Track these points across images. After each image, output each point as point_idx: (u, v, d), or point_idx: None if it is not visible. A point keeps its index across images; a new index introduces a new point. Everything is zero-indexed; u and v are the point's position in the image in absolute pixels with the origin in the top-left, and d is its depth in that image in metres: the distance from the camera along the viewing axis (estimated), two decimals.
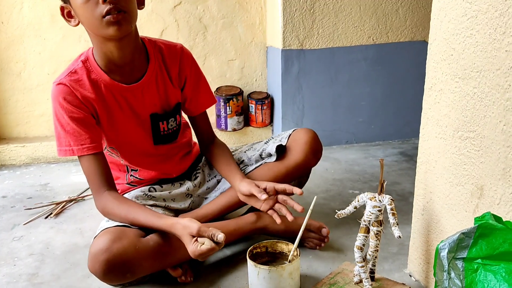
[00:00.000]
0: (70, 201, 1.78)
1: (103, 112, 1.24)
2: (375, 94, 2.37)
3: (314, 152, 1.40)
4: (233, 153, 1.47)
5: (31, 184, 1.99)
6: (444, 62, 1.04)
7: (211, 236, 1.06)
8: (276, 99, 2.39)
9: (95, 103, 1.22)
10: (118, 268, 1.10)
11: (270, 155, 1.40)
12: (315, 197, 1.18)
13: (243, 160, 1.45)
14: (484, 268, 0.73)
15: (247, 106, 2.43)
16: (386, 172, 2.00)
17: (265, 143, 1.47)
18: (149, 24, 2.28)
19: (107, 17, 1.09)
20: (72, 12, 1.15)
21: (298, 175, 1.42)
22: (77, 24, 1.17)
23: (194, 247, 1.06)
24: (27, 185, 1.99)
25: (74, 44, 2.24)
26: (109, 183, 1.23)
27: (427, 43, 1.10)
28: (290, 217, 1.23)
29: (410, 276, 1.23)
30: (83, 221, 1.64)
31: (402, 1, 2.26)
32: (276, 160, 1.38)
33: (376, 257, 1.13)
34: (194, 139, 1.53)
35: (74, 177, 2.07)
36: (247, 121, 2.46)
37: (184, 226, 1.09)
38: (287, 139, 1.41)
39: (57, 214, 1.68)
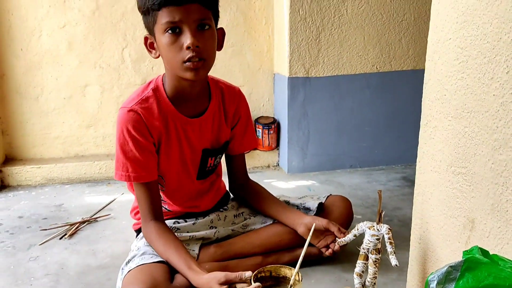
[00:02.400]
0: (83, 222, 1.86)
1: (164, 141, 1.30)
2: (378, 120, 2.44)
3: (349, 222, 1.51)
4: None
5: (46, 205, 2.07)
6: (438, 101, 1.11)
7: (239, 278, 1.09)
8: (282, 124, 2.47)
9: (160, 132, 1.28)
10: None
11: (308, 210, 1.48)
12: (314, 224, 1.25)
13: None
14: None
15: (255, 131, 2.51)
16: (389, 197, 2.06)
17: (298, 198, 1.55)
18: None
19: (188, 63, 1.14)
20: (155, 45, 1.21)
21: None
22: (158, 57, 1.23)
23: None
24: (42, 205, 2.07)
25: (89, 70, 2.34)
26: (155, 213, 1.28)
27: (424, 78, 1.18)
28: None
29: None
30: (96, 242, 1.71)
31: (405, 31, 2.35)
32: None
33: (375, 284, 1.18)
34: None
35: (87, 198, 2.15)
36: None
37: (211, 278, 1.11)
38: (325, 199, 1.50)
39: (71, 235, 1.75)
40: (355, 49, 2.32)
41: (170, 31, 1.13)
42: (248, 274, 1.09)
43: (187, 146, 1.34)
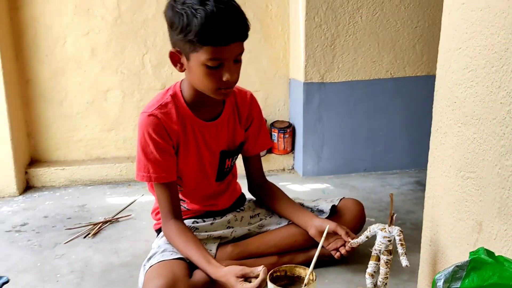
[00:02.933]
0: (106, 222, 1.93)
1: (182, 144, 1.36)
2: (392, 125, 2.48)
3: (361, 225, 1.56)
4: None
5: (70, 205, 2.16)
6: (448, 108, 1.15)
7: (252, 273, 1.16)
8: (297, 128, 2.52)
9: (178, 135, 1.34)
10: None
11: (321, 212, 1.53)
12: (327, 226, 1.29)
13: None
14: None
15: (270, 135, 2.57)
16: (402, 201, 2.10)
17: (313, 201, 1.60)
18: None
19: (221, 90, 1.23)
20: (182, 60, 1.24)
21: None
22: (183, 71, 1.27)
23: (240, 286, 1.14)
24: (66, 206, 2.15)
25: (111, 75, 2.43)
26: (175, 212, 1.35)
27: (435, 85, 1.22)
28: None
29: None
30: (118, 241, 1.78)
31: (419, 37, 2.38)
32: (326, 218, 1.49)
33: (386, 284, 1.23)
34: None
35: (109, 199, 2.23)
36: (269, 149, 2.59)
37: (229, 271, 1.18)
38: (338, 201, 1.55)
39: (94, 234, 1.83)
40: (369, 55, 2.36)
41: (210, 65, 1.18)
42: (259, 268, 1.15)
43: (205, 149, 1.40)
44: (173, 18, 1.19)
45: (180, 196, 1.46)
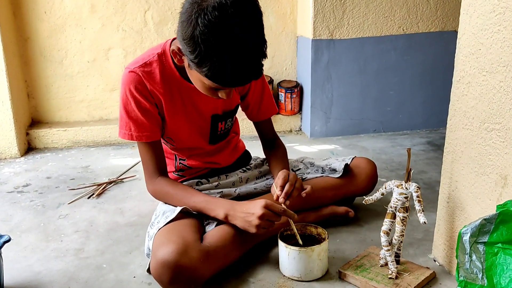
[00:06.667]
0: (110, 182, 1.89)
1: (168, 107, 1.28)
2: (403, 84, 2.40)
3: (374, 184, 1.53)
4: (299, 160, 1.58)
5: (73, 166, 2.12)
6: (472, 56, 1.07)
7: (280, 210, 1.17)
8: (305, 88, 2.44)
9: (162, 97, 1.26)
10: (185, 280, 1.12)
11: (334, 171, 1.48)
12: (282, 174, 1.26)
13: (300, 168, 1.55)
14: (504, 252, 0.78)
15: (277, 95, 2.49)
16: (413, 161, 2.04)
17: (323, 159, 1.56)
18: None
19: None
20: (183, 58, 1.12)
21: (349, 197, 1.54)
22: (181, 63, 1.15)
23: (267, 201, 1.15)
24: (69, 167, 2.11)
25: (112, 33, 2.34)
26: (162, 170, 1.30)
27: (458, 33, 1.14)
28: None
29: (434, 260, 1.29)
30: (123, 201, 1.74)
31: None
32: (339, 178, 1.47)
33: (401, 242, 1.18)
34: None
35: (113, 160, 2.19)
36: None
37: (259, 201, 1.18)
38: (350, 160, 1.50)
39: (98, 195, 1.79)
40: (381, 10, 2.26)
41: (210, 87, 1.12)
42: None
43: (194, 112, 1.33)
44: (190, 39, 1.01)
45: (176, 153, 1.42)
